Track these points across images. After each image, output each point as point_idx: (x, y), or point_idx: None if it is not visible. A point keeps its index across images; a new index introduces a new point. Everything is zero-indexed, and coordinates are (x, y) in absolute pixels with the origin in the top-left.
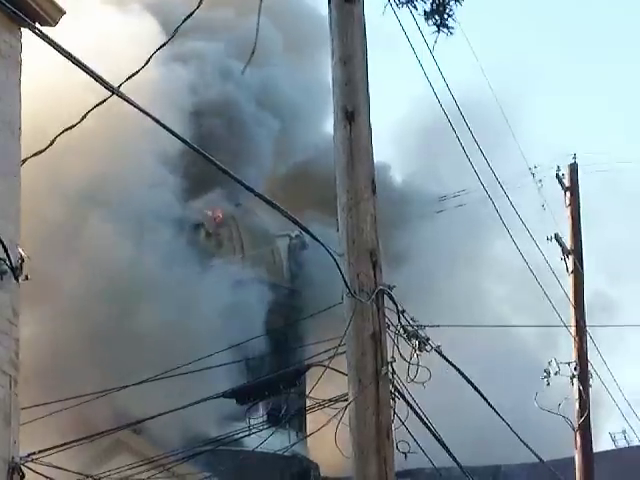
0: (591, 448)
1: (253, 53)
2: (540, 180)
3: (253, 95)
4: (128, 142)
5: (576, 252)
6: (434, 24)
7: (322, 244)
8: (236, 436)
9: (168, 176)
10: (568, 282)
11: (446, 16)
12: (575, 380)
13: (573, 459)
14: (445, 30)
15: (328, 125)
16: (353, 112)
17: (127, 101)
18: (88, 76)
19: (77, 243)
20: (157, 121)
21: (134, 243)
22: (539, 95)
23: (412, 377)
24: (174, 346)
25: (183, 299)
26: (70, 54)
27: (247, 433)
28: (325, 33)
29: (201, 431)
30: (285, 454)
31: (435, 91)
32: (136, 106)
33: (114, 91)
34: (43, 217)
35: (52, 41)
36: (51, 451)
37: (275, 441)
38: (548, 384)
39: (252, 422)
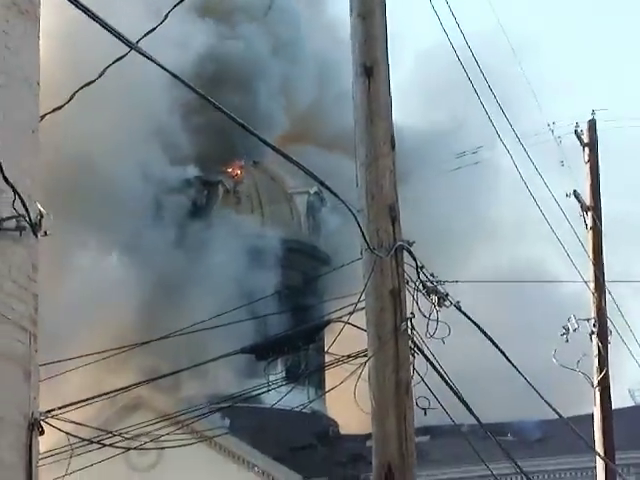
0: (610, 405)
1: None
2: (559, 136)
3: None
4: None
5: (595, 208)
6: None
7: (341, 200)
8: (254, 393)
9: (181, 134)
10: (587, 238)
11: None
12: (594, 337)
13: (592, 416)
14: None
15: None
16: (372, 67)
17: (146, 56)
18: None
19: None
20: (176, 76)
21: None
22: (557, 51)
23: (431, 333)
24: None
25: (199, 254)
26: (88, 9)
27: (266, 390)
28: None
29: (220, 388)
30: (304, 411)
31: (454, 46)
32: (155, 61)
33: (132, 46)
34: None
35: None
36: (71, 407)
37: (294, 398)
38: (567, 341)
39: (271, 379)
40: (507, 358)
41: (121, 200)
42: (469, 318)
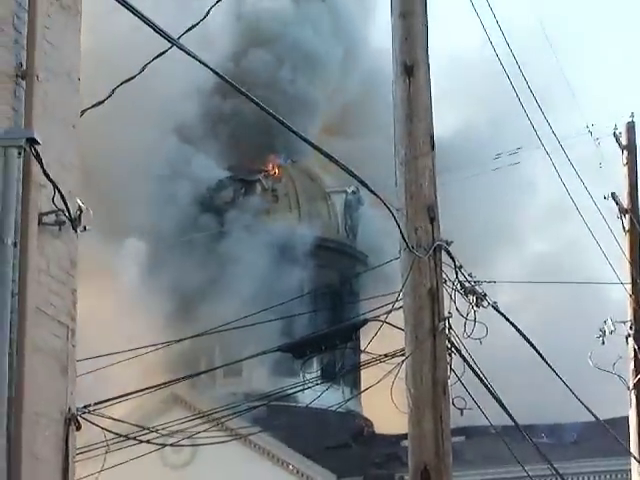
0: None
1: None
2: (597, 138)
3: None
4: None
5: (633, 211)
6: None
7: (380, 198)
8: (290, 391)
9: (220, 132)
10: (625, 241)
11: None
12: (630, 339)
13: (627, 418)
14: None
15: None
16: (412, 67)
17: (187, 53)
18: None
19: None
20: (217, 73)
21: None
22: (597, 52)
23: (469, 333)
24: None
25: (236, 252)
26: (130, 5)
27: (301, 388)
28: None
29: (255, 386)
30: (339, 410)
31: (493, 46)
32: (196, 58)
33: (174, 42)
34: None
35: None
36: (108, 403)
37: (329, 397)
38: (603, 343)
39: (306, 377)
40: (544, 359)
41: (157, 197)
42: (507, 319)
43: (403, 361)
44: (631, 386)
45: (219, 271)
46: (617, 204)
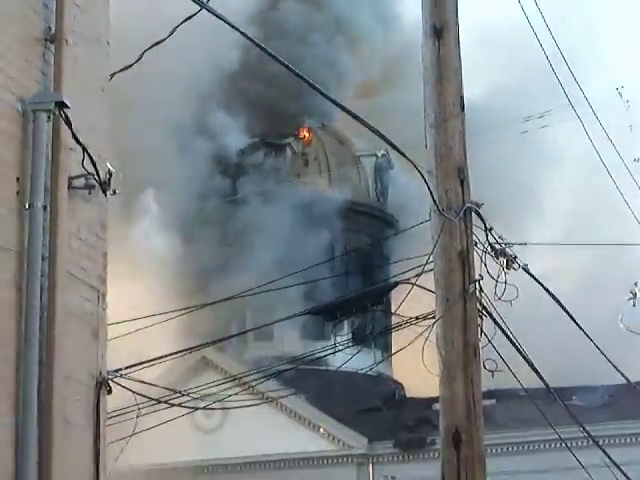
0: None
1: None
2: (627, 100)
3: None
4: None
5: None
6: None
7: (410, 161)
8: (321, 354)
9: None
10: None
11: None
12: None
13: None
14: None
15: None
16: (442, 29)
17: (217, 16)
18: None
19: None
20: (247, 36)
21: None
22: (627, 15)
23: (499, 295)
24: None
25: (267, 215)
26: None
27: (332, 351)
28: None
29: (286, 350)
30: (369, 373)
31: (523, 8)
32: (226, 21)
33: (203, 5)
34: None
35: None
36: (138, 367)
37: (360, 360)
38: (634, 305)
39: (337, 340)
40: (575, 321)
41: (189, 159)
42: (537, 281)
43: (434, 324)
44: None
45: (249, 236)
46: None
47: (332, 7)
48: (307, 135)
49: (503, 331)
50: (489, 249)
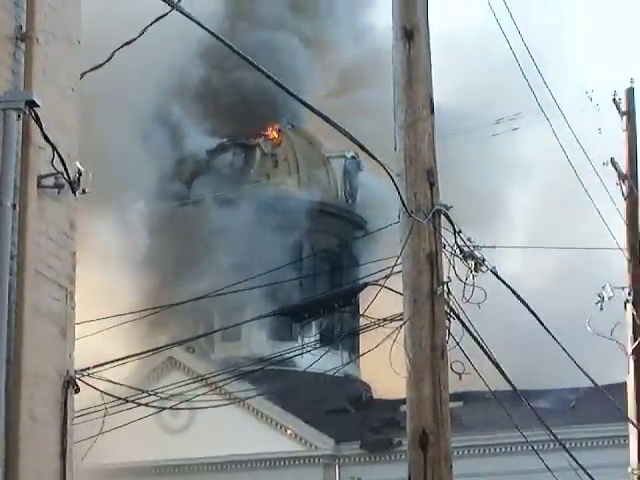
0: None
1: None
2: (597, 104)
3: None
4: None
5: (632, 177)
6: None
7: (380, 162)
8: (288, 355)
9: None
10: (623, 206)
11: None
12: (629, 305)
13: (625, 384)
14: None
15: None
16: (412, 31)
17: (187, 16)
18: None
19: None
20: (217, 37)
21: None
22: (596, 19)
23: (467, 298)
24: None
25: (234, 216)
26: None
27: (300, 352)
28: None
29: (254, 350)
30: (337, 375)
31: (494, 12)
32: (197, 22)
33: (174, 6)
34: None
35: None
36: (106, 366)
37: (328, 361)
38: (602, 309)
39: (305, 341)
40: (542, 324)
41: (155, 161)
42: (505, 283)
43: (402, 325)
44: (629, 352)
45: (217, 237)
46: (616, 170)
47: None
48: (277, 136)
49: (471, 333)
50: (457, 251)
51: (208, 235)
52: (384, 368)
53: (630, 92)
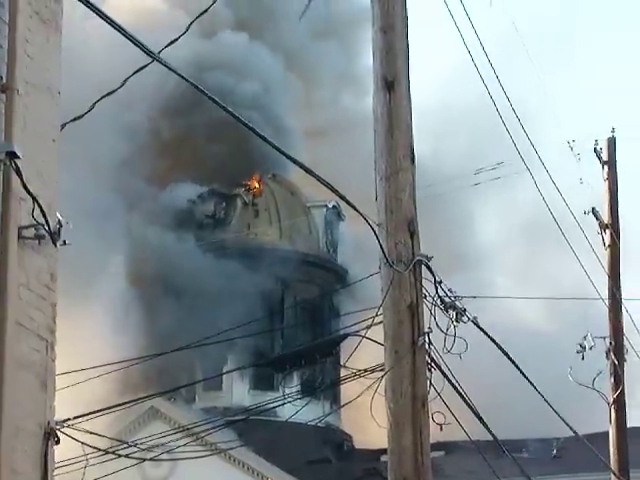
0: (625, 422)
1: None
2: (578, 154)
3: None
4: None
5: (613, 226)
6: None
7: (360, 213)
8: (270, 406)
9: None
10: (605, 256)
11: None
12: (610, 354)
13: (607, 433)
14: None
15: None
16: (393, 81)
17: (168, 67)
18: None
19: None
20: (198, 88)
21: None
22: (576, 67)
23: (448, 348)
24: (212, 314)
25: (216, 266)
26: (110, 19)
27: (281, 403)
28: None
29: (235, 401)
30: (319, 425)
31: (474, 61)
32: (177, 73)
33: (154, 57)
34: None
35: (92, 6)
36: (87, 417)
37: (309, 411)
38: (583, 358)
39: (286, 392)
40: (523, 374)
41: (137, 212)
42: (486, 334)
43: (382, 376)
44: (611, 402)
45: (197, 287)
46: (597, 219)
47: (286, 52)
48: (257, 185)
49: (452, 384)
50: (438, 302)
51: (189, 286)
52: (365, 418)
53: (611, 142)
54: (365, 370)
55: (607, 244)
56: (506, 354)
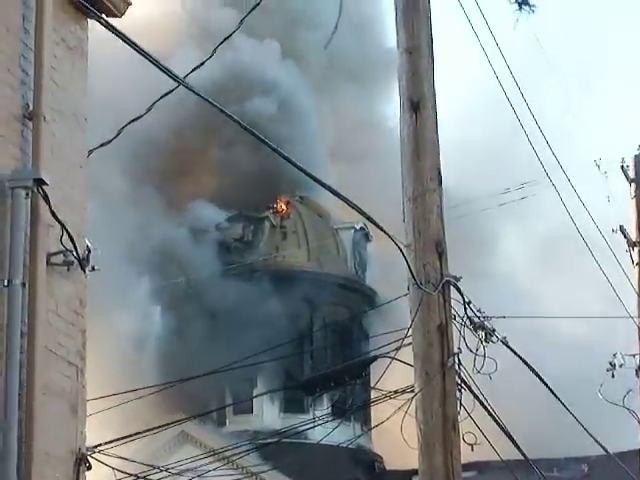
0: None
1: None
2: (605, 172)
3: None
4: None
5: None
6: (515, 1)
7: (389, 235)
8: (301, 429)
9: (228, 169)
10: (634, 274)
11: None
12: None
13: (638, 452)
14: (527, 8)
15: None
16: (419, 102)
17: (193, 92)
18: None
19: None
20: (224, 111)
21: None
22: (604, 84)
23: (478, 368)
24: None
25: (244, 289)
26: (136, 45)
27: (312, 425)
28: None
29: (266, 424)
30: (350, 447)
31: (500, 81)
32: (202, 97)
33: (180, 82)
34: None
35: (119, 32)
36: (118, 442)
37: (340, 433)
38: (613, 376)
39: (317, 414)
40: (553, 393)
41: (165, 232)
42: (516, 354)
43: (413, 397)
44: None
45: (227, 310)
46: (625, 237)
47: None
48: (285, 208)
49: (483, 405)
50: (468, 322)
51: (218, 309)
52: (396, 439)
53: (638, 159)
54: (395, 391)
55: (636, 262)
56: (536, 373)
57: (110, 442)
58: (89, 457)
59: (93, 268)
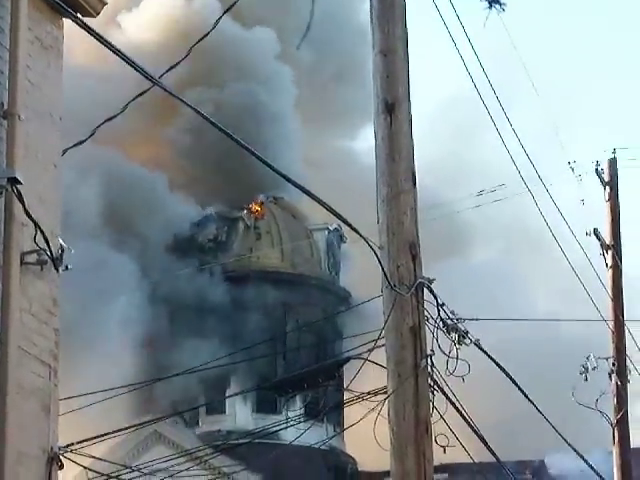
0: (629, 443)
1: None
2: (579, 175)
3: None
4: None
5: (615, 247)
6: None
7: (362, 236)
8: (273, 429)
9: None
10: (607, 277)
11: None
12: (613, 375)
13: (611, 454)
14: (497, 7)
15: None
16: (394, 104)
17: (168, 92)
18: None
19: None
20: (198, 112)
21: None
22: (579, 88)
23: (451, 370)
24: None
25: (217, 289)
26: (111, 44)
27: (284, 426)
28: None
29: (238, 424)
30: (322, 448)
31: (475, 85)
32: (178, 97)
33: (155, 81)
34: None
35: (93, 31)
36: (90, 442)
37: (312, 435)
38: (586, 379)
39: (290, 415)
40: (526, 395)
41: (139, 234)
42: (489, 356)
43: (385, 399)
44: (614, 422)
45: (200, 310)
46: (599, 240)
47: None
48: (259, 209)
49: (455, 407)
50: (441, 324)
51: (191, 309)
52: (369, 441)
53: (612, 162)
54: (368, 393)
55: (609, 265)
56: (509, 376)
57: (83, 441)
58: (61, 456)
59: (67, 267)
